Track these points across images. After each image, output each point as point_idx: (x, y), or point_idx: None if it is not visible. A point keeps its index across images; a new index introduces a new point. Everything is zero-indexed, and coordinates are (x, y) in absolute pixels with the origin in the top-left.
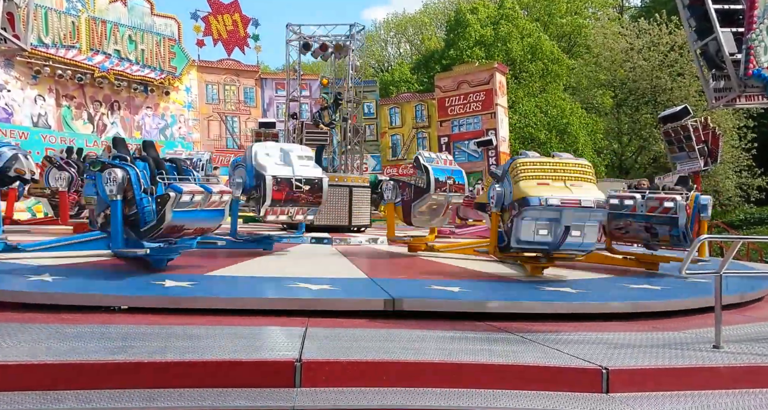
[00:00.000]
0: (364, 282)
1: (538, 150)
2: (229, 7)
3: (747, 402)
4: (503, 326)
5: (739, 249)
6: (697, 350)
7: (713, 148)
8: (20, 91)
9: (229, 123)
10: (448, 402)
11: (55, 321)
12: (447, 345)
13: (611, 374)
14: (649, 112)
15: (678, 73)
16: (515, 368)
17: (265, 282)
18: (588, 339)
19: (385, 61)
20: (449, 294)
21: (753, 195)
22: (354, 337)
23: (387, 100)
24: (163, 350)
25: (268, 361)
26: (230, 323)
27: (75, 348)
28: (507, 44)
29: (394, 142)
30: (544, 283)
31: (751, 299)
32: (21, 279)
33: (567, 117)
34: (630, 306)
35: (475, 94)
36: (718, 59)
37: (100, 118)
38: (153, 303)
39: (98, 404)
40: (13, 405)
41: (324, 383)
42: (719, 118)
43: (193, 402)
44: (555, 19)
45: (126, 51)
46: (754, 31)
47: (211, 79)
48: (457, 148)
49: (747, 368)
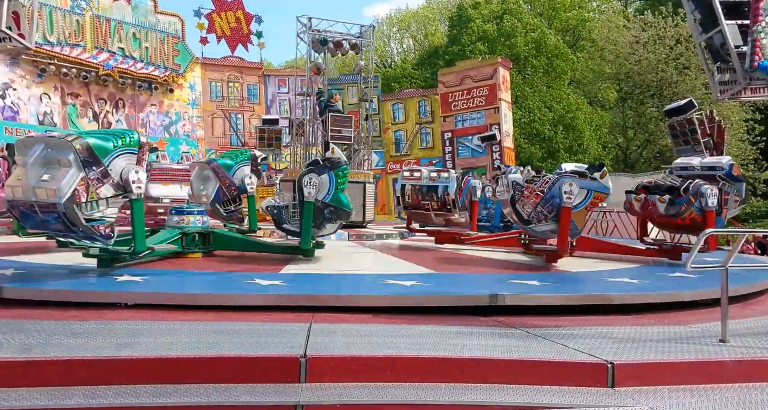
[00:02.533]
0: (447, 278)
1: (543, 145)
2: (232, 4)
3: (754, 396)
4: (508, 321)
5: (762, 245)
6: (703, 344)
7: (719, 142)
8: (26, 89)
9: (233, 120)
10: (453, 397)
11: (62, 317)
12: (452, 341)
13: (617, 368)
14: (655, 105)
15: (684, 66)
16: (521, 363)
17: (359, 279)
18: (593, 333)
19: (388, 56)
20: (538, 289)
21: (760, 188)
22: (358, 332)
23: (390, 96)
24: (169, 346)
25: (273, 357)
26: (237, 319)
27: (83, 344)
28: (511, 39)
29: (398, 137)
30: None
31: (756, 291)
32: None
33: (572, 112)
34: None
35: (479, 89)
36: (723, 52)
37: (105, 116)
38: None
39: (105, 400)
40: (21, 401)
41: (329, 378)
42: (726, 111)
43: (199, 398)
44: (559, 13)
45: (130, 49)
46: (759, 24)
47: (215, 76)
48: (460, 143)
49: (754, 362)
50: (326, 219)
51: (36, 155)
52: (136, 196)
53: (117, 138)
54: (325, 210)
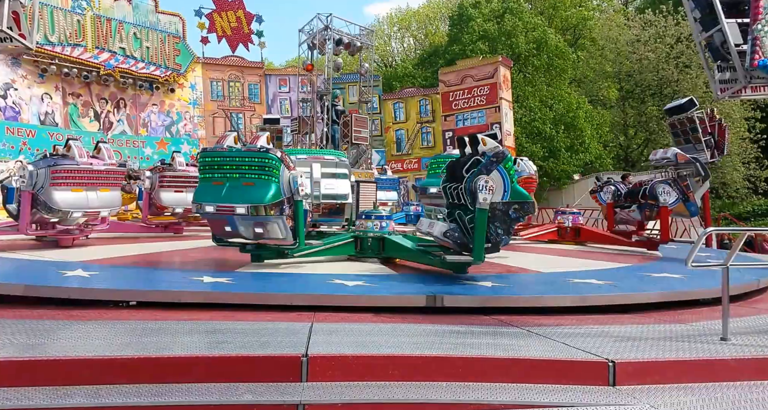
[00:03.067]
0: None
1: (544, 144)
2: (232, 3)
3: (755, 394)
4: (510, 320)
5: (748, 241)
6: (704, 342)
7: (720, 140)
8: (27, 89)
9: (234, 119)
10: (454, 396)
11: (63, 317)
12: (453, 340)
13: (618, 367)
14: (655, 104)
15: (685, 65)
16: (522, 362)
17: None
18: (593, 332)
19: (388, 56)
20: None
21: (761, 186)
22: (360, 332)
23: (391, 95)
24: (170, 345)
25: (275, 356)
26: (241, 318)
27: (84, 344)
28: (512, 39)
29: (399, 136)
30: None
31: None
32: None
33: (573, 111)
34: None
35: (479, 88)
36: (724, 50)
37: (107, 116)
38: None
39: (107, 400)
40: (23, 401)
41: (330, 377)
42: (727, 110)
43: (201, 397)
44: (560, 11)
45: (131, 48)
46: (759, 22)
47: (216, 75)
48: None
49: (755, 360)
50: (514, 219)
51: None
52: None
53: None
54: (510, 210)
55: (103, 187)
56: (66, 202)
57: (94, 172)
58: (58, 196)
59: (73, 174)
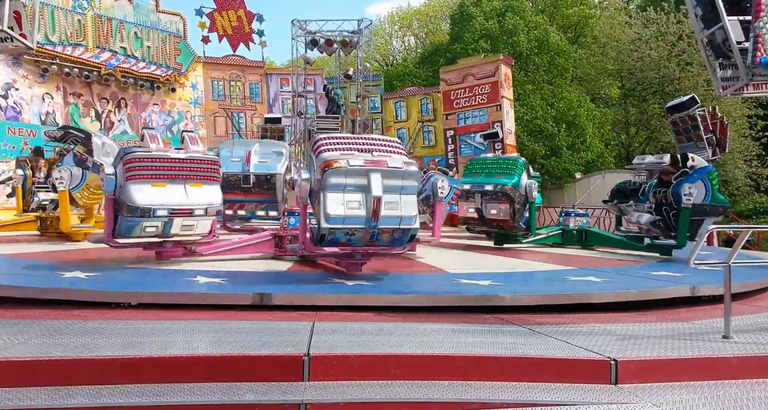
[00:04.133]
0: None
1: (545, 142)
2: (233, 3)
3: (757, 392)
4: (511, 318)
5: (751, 239)
6: (706, 340)
7: (721, 138)
8: (28, 89)
9: (235, 119)
10: (456, 395)
11: (64, 317)
12: (455, 338)
13: (620, 365)
14: (657, 102)
15: (686, 63)
16: (524, 360)
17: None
18: (595, 330)
19: (390, 54)
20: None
21: (763, 184)
22: (361, 331)
23: (392, 94)
24: (171, 345)
25: (277, 356)
26: (242, 318)
27: (85, 344)
28: (513, 37)
29: (400, 135)
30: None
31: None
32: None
33: (575, 109)
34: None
35: (481, 87)
36: (725, 48)
37: (108, 116)
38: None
39: (108, 400)
40: (24, 401)
41: (332, 377)
42: (729, 107)
43: (202, 396)
44: (561, 9)
45: (132, 48)
46: (761, 19)
47: (217, 75)
48: (463, 140)
49: (757, 358)
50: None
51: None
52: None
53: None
54: (709, 210)
55: (193, 180)
56: (146, 198)
57: (174, 161)
58: (136, 191)
59: (149, 164)
